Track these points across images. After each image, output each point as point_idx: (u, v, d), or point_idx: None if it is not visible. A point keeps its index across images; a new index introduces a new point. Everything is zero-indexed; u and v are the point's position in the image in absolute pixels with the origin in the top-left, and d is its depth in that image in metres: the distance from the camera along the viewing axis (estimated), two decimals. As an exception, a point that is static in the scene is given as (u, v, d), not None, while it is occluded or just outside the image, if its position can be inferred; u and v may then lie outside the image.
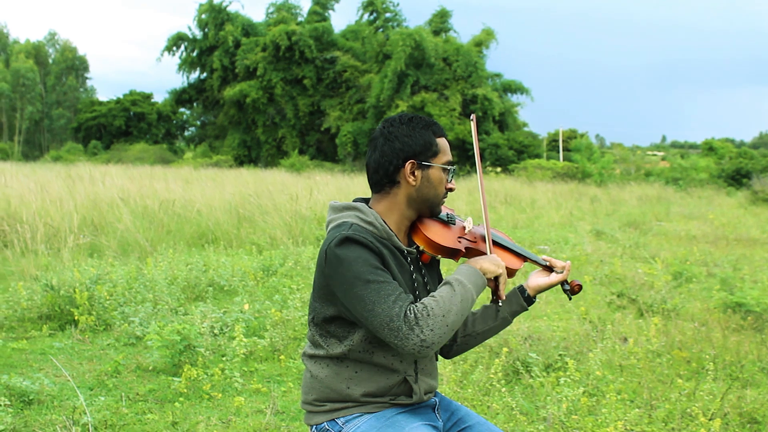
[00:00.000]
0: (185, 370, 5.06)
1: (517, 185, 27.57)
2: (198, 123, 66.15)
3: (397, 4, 55.36)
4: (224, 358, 5.63)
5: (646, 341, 5.95)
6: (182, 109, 65.40)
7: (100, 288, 6.86)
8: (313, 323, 2.46)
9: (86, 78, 79.78)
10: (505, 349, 5.33)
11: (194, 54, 58.28)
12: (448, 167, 2.50)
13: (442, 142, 2.50)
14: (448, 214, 2.64)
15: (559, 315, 7.30)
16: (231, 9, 57.54)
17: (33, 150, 68.11)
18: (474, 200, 20.38)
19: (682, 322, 6.75)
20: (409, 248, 2.48)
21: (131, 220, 11.33)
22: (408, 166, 2.43)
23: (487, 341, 5.88)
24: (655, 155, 58.76)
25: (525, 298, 2.66)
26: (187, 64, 58.75)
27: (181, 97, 61.45)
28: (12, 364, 5.56)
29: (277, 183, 20.30)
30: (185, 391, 4.98)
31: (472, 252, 2.59)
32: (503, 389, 4.73)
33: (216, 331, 6.20)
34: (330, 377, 2.41)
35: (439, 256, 2.55)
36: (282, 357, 5.73)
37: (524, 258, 2.68)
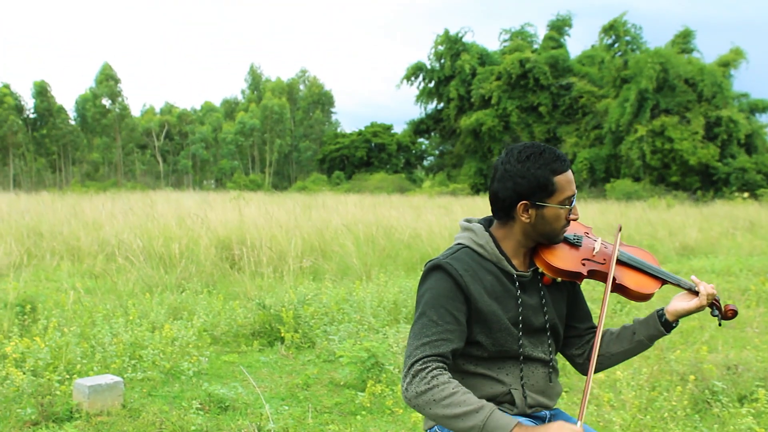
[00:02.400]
0: (369, 385, 5.29)
1: (763, 212, 25.97)
2: (436, 152, 67.52)
3: (640, 27, 54.05)
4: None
5: None
6: (421, 139, 67.09)
7: (306, 308, 7.28)
8: None
9: (331, 112, 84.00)
10: (692, 377, 5.14)
11: (431, 84, 59.72)
12: (566, 204, 2.45)
13: (562, 180, 2.43)
14: (575, 235, 2.58)
15: (772, 345, 6.88)
16: (466, 39, 58.50)
17: (282, 181, 72.38)
18: (709, 227, 19.48)
19: None
20: (520, 272, 2.50)
21: (353, 245, 11.84)
22: (520, 206, 2.43)
23: (675, 368, 5.70)
24: None
25: (663, 323, 2.56)
26: (424, 95, 60.34)
27: (419, 128, 63.15)
28: (220, 374, 6.03)
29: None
30: (369, 405, 5.20)
31: (597, 275, 2.54)
32: (686, 417, 4.56)
33: (410, 351, 6.38)
34: None
35: (560, 278, 2.53)
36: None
37: (662, 281, 2.57)
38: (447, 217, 17.37)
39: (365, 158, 65.07)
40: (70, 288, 8.76)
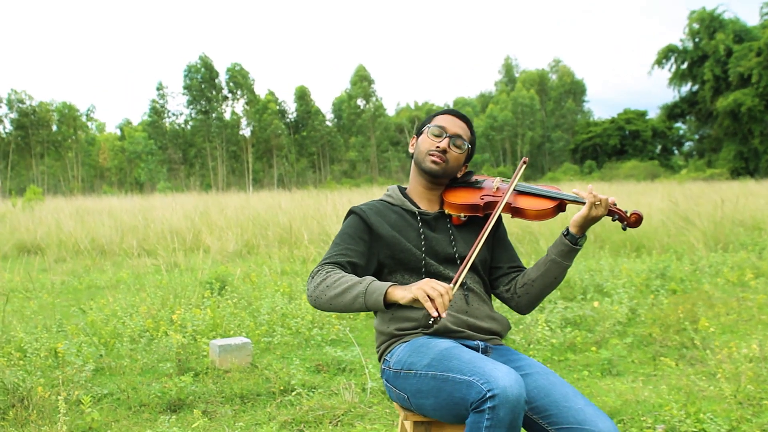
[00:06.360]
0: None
1: None
2: (695, 137, 64.61)
3: None
4: (533, 346, 5.92)
5: None
6: (678, 124, 64.50)
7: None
8: None
9: (583, 100, 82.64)
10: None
11: (684, 66, 57.22)
12: (436, 130, 2.84)
13: (442, 117, 2.91)
14: (477, 180, 2.92)
15: None
16: (724, 16, 55.48)
17: (535, 172, 72.14)
18: None
19: None
20: (422, 210, 2.85)
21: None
22: (412, 140, 3.02)
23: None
24: None
25: (568, 237, 2.73)
26: (677, 77, 57.97)
27: (672, 112, 60.75)
28: (358, 342, 6.46)
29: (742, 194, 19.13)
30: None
31: (491, 205, 2.79)
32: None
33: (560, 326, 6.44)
34: (379, 323, 2.82)
35: (463, 214, 2.83)
36: (593, 348, 5.88)
37: (557, 200, 2.77)
38: (664, 200, 16.76)
39: (618, 146, 63.49)
40: (261, 271, 9.63)
